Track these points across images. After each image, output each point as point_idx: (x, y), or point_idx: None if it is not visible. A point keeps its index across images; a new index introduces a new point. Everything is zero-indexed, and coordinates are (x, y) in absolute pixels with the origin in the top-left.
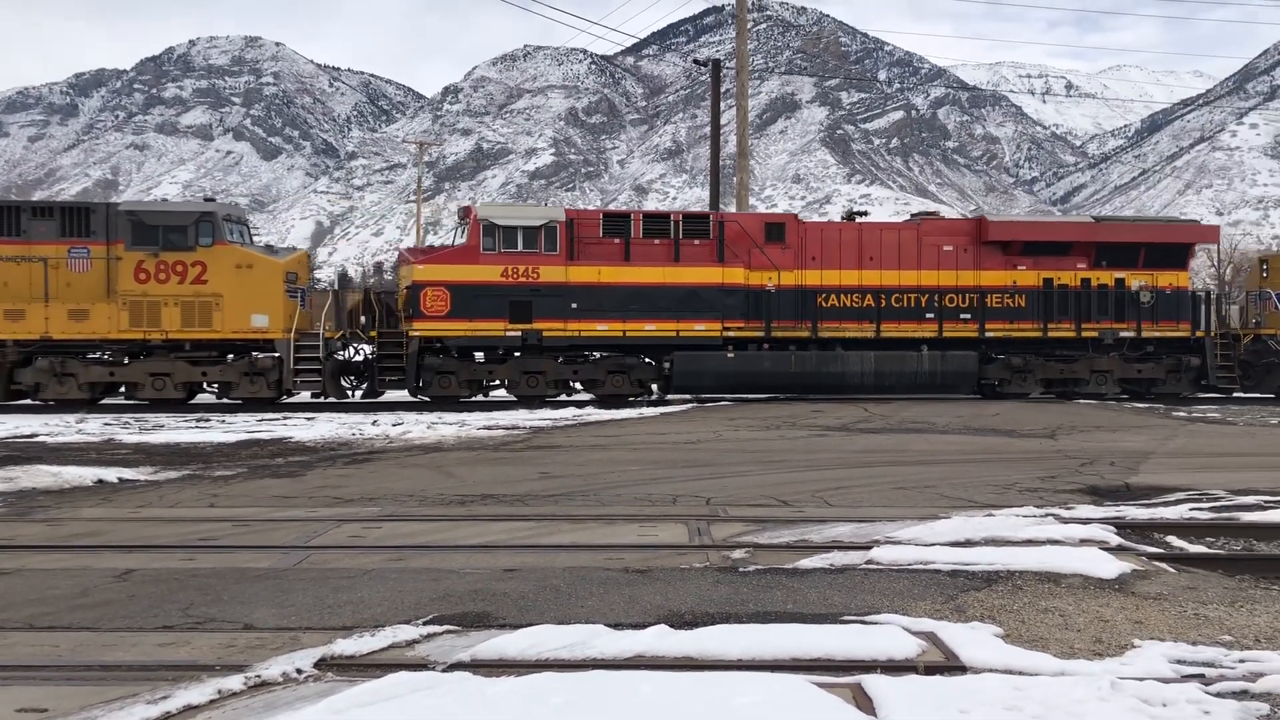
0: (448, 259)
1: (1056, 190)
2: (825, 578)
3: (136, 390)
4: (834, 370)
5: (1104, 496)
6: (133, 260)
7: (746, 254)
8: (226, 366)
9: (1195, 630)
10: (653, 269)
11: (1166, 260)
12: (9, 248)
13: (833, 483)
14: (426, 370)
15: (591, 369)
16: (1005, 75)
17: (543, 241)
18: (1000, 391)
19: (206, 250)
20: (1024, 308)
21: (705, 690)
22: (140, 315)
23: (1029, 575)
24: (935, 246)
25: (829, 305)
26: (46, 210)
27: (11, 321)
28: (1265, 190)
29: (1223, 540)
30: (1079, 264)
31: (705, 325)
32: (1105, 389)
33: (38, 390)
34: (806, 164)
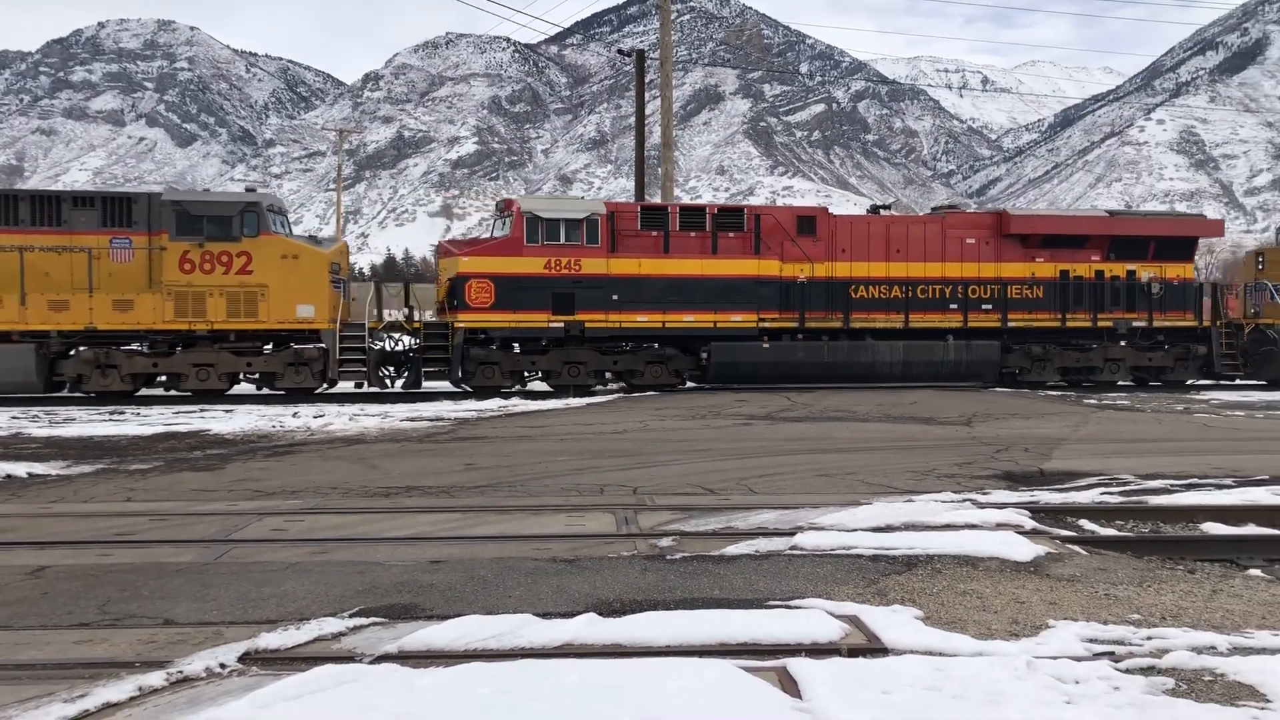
0: (492, 251)
1: (973, 183)
2: (751, 564)
3: (180, 381)
4: (865, 360)
5: (1019, 482)
6: (178, 251)
7: (779, 246)
8: (271, 357)
9: (1106, 610)
10: (691, 261)
11: (1174, 253)
12: (50, 237)
13: (757, 470)
14: (470, 361)
15: (630, 359)
16: (924, 70)
17: (584, 234)
18: (1020, 380)
19: (252, 240)
20: (1042, 299)
21: (633, 676)
22: (186, 306)
23: (948, 559)
24: (958, 239)
25: (859, 296)
26: (88, 200)
27: (55, 312)
28: (1171, 184)
29: (1132, 523)
30: (1093, 256)
31: (742, 316)
32: (1118, 377)
33: (79, 382)
34: (730, 155)
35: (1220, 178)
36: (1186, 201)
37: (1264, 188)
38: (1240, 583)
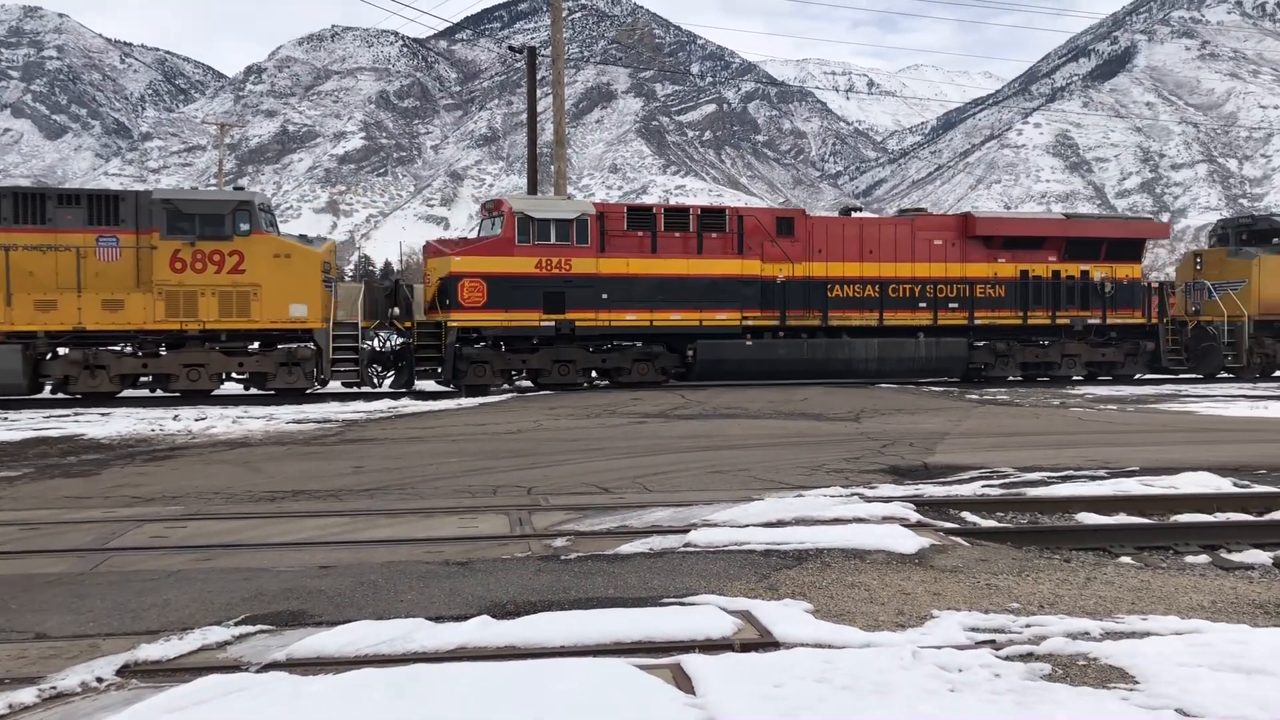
0: (484, 251)
1: (859, 184)
2: (645, 562)
3: (170, 382)
4: (842, 357)
5: (904, 476)
6: (168, 249)
7: (760, 247)
8: (263, 357)
9: (987, 599)
10: (677, 261)
11: (1124, 254)
12: (34, 236)
13: (652, 468)
14: (462, 360)
15: (619, 357)
16: (812, 72)
17: (574, 234)
18: (985, 375)
19: (244, 239)
20: (1004, 298)
21: (528, 678)
22: (177, 305)
23: (836, 552)
24: (927, 241)
25: (835, 295)
26: (73, 198)
27: (43, 312)
28: (1048, 186)
29: (1011, 514)
30: (1050, 257)
31: (726, 315)
32: (1074, 371)
33: (66, 383)
34: (623, 154)
35: (1093, 180)
36: (1062, 203)
37: (1134, 190)
38: (1112, 570)
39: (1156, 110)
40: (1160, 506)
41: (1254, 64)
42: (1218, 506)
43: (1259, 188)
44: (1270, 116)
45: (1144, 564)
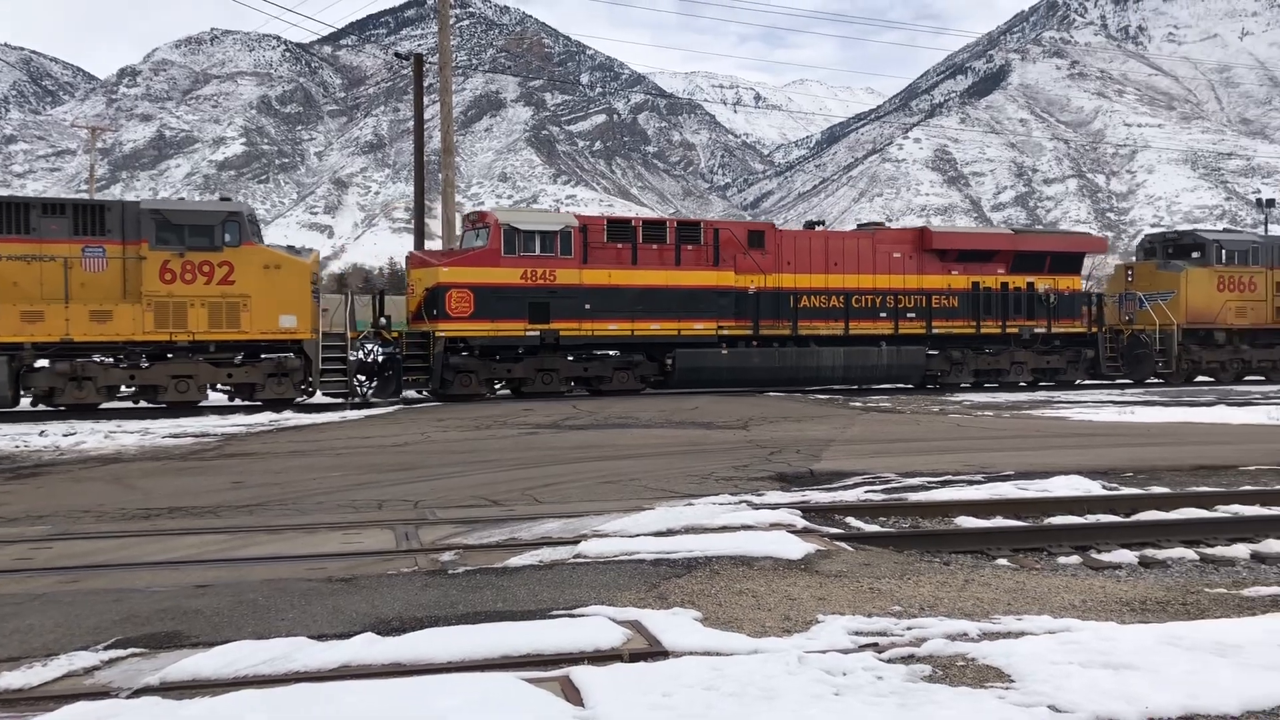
0: (471, 262)
1: (747, 196)
2: (535, 574)
3: (158, 393)
4: (811, 365)
5: (791, 482)
6: (158, 260)
7: (733, 259)
8: (252, 368)
9: (871, 603)
10: (656, 272)
11: (1066, 267)
12: (18, 246)
13: (542, 480)
14: (449, 369)
15: (600, 366)
16: (700, 85)
17: (559, 246)
18: (941, 381)
19: (234, 250)
20: (957, 308)
21: (413, 695)
22: (166, 316)
23: (725, 560)
24: (887, 254)
25: (804, 306)
26: (58, 207)
27: (29, 324)
28: (927, 199)
29: (893, 519)
30: (999, 269)
31: (703, 324)
32: (1022, 377)
33: (51, 395)
34: (513, 163)
35: (970, 194)
36: (940, 215)
37: (1008, 203)
38: (989, 572)
39: (1029, 127)
40: (1034, 509)
41: (1119, 84)
42: (1088, 509)
43: (1125, 202)
44: (1134, 134)
45: (1019, 565)
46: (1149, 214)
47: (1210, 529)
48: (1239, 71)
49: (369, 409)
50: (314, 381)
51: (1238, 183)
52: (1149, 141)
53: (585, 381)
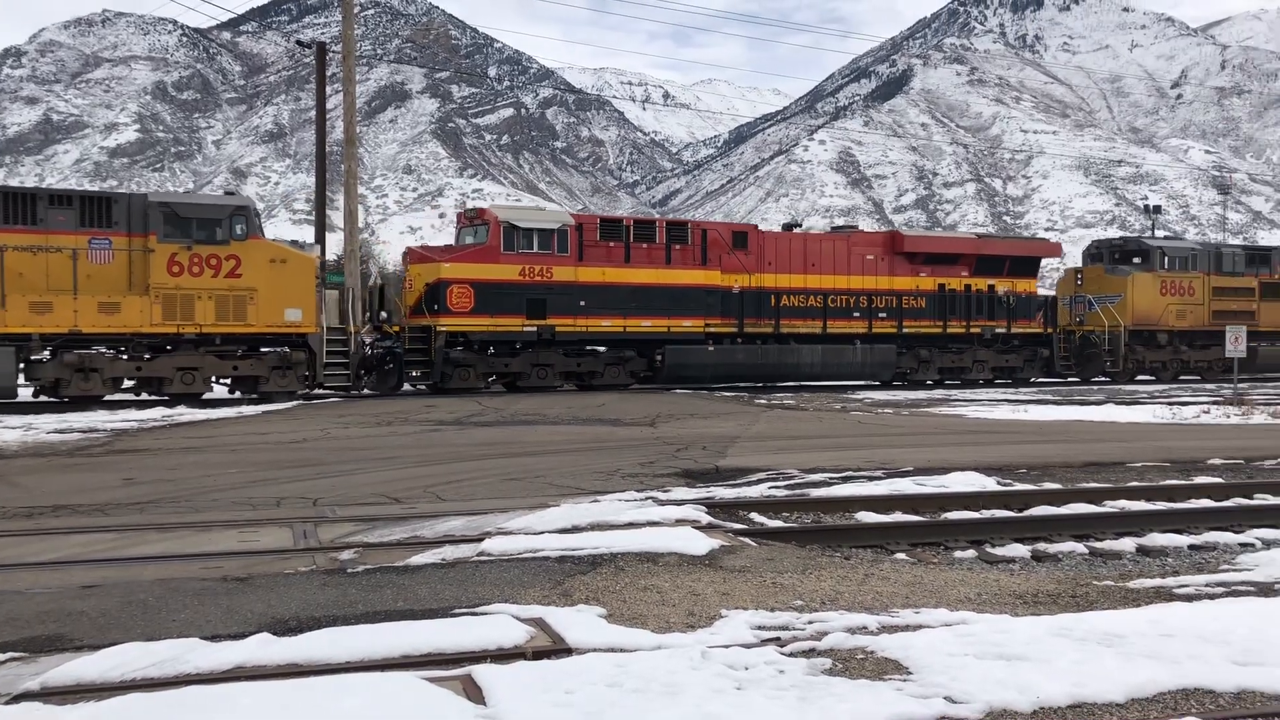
0: (472, 258)
1: (656, 194)
2: (437, 572)
3: (163, 385)
4: (791, 361)
5: (697, 479)
6: (165, 253)
7: (719, 259)
8: (257, 361)
9: (773, 598)
10: (648, 270)
11: (1023, 270)
12: (25, 237)
13: (446, 477)
14: (448, 363)
15: (592, 361)
16: (609, 81)
17: (556, 244)
18: (910, 379)
19: (241, 244)
20: (925, 308)
21: (310, 696)
22: (174, 309)
23: (630, 556)
24: (860, 256)
25: (785, 305)
26: (65, 199)
27: (38, 315)
28: (832, 201)
29: (796, 514)
30: (963, 272)
31: (691, 322)
32: (983, 375)
33: (57, 387)
34: (418, 155)
35: (873, 196)
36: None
37: (909, 206)
38: (888, 566)
39: (930, 131)
40: (932, 505)
41: (1016, 91)
42: (983, 504)
43: (1020, 206)
44: (1030, 140)
45: (918, 560)
46: (1043, 218)
47: (1099, 523)
48: (1129, 82)
49: (267, 404)
50: (319, 374)
51: (1127, 189)
52: (1044, 148)
53: (578, 376)
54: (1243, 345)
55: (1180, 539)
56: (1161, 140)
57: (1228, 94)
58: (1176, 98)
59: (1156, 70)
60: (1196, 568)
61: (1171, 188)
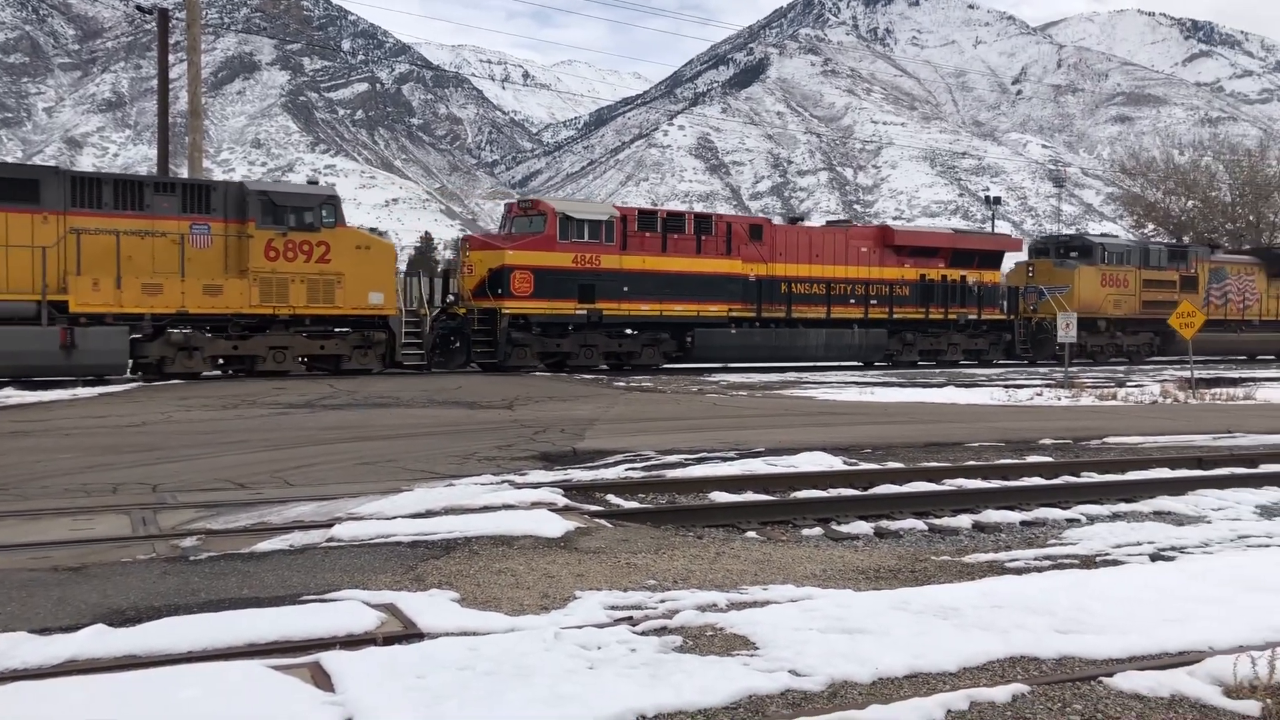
0: (532, 246)
1: (515, 174)
2: (285, 559)
3: (256, 364)
4: (801, 344)
5: (554, 461)
6: (263, 238)
7: (739, 249)
8: (341, 340)
9: (627, 578)
10: (681, 259)
11: (990, 263)
12: (134, 221)
13: (295, 462)
14: (510, 343)
15: (631, 342)
16: (468, 59)
17: (603, 234)
18: (896, 360)
19: (330, 231)
20: (909, 296)
21: (148, 688)
22: (270, 291)
23: (485, 540)
24: (857, 248)
25: (796, 292)
26: (169, 186)
27: (149, 295)
28: (691, 186)
29: (652, 495)
30: (940, 264)
31: (717, 307)
32: (957, 357)
33: (162, 365)
34: (267, 129)
35: (730, 182)
36: (703, 202)
37: (765, 193)
38: (739, 544)
39: (785, 119)
40: (782, 484)
41: (868, 83)
42: (831, 483)
43: (870, 195)
44: (880, 131)
45: (767, 538)
46: (891, 207)
47: (938, 501)
48: (973, 77)
49: (104, 387)
50: (397, 353)
51: (970, 180)
52: (893, 139)
53: (616, 356)
54: (1073, 332)
55: (1013, 515)
56: (1002, 134)
57: (1063, 91)
58: (1017, 94)
59: (999, 67)
60: (1027, 542)
61: (1011, 180)
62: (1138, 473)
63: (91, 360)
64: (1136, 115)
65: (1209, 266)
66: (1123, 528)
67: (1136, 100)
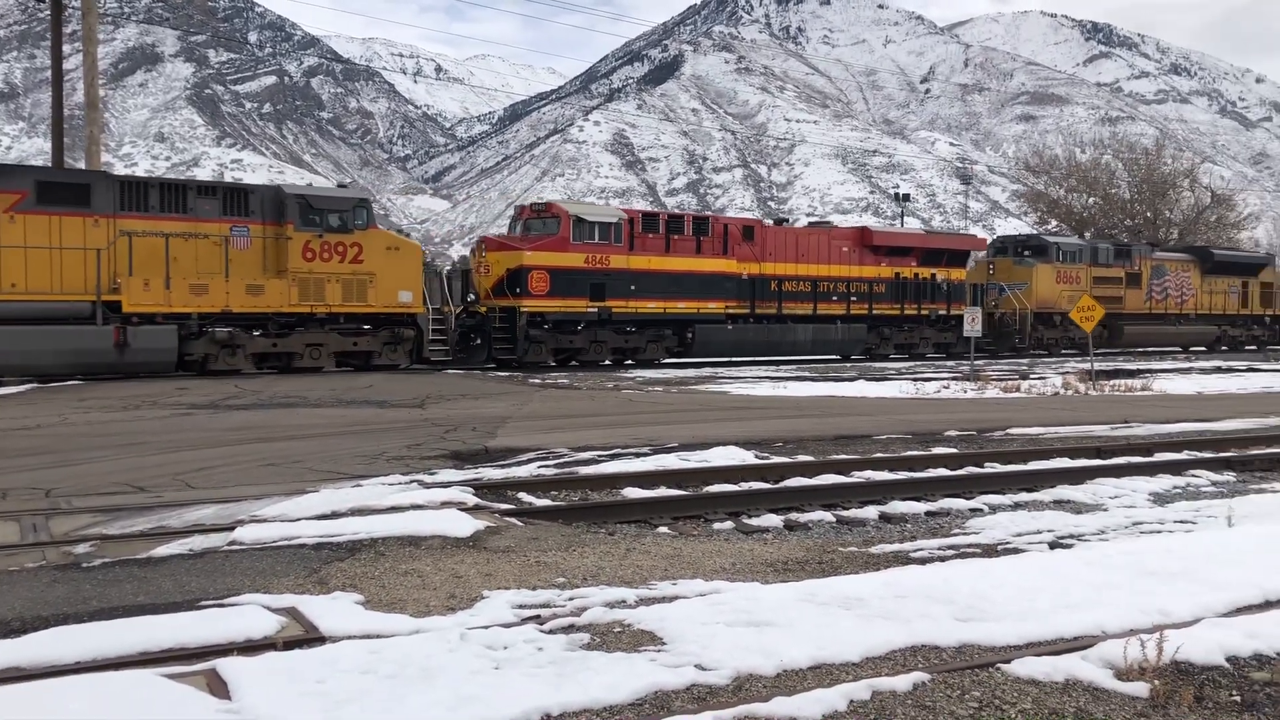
0: (548, 247)
1: (429, 169)
2: (184, 564)
3: (293, 360)
4: (790, 339)
5: (465, 460)
6: (301, 240)
7: (733, 249)
8: (373, 337)
9: (536, 576)
10: (682, 259)
11: (957, 261)
12: (178, 224)
13: (197, 464)
14: (527, 340)
15: (637, 338)
16: (379, 52)
17: (613, 235)
18: (874, 353)
19: (362, 233)
20: (885, 293)
21: (33, 700)
22: (308, 290)
23: (392, 541)
24: (839, 248)
25: (786, 290)
26: (211, 189)
27: (196, 295)
28: (607, 182)
29: (564, 493)
30: (912, 263)
31: (715, 304)
32: (928, 350)
33: (206, 362)
34: (171, 122)
35: (647, 178)
36: (619, 198)
37: (681, 189)
38: (650, 540)
39: (700, 116)
40: (695, 479)
41: (780, 81)
42: (742, 477)
43: (784, 192)
44: (793, 129)
45: (679, 533)
46: (805, 204)
47: (847, 493)
48: (883, 76)
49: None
50: (424, 349)
51: (881, 178)
52: (805, 136)
53: (622, 351)
54: (978, 326)
55: (919, 506)
56: (911, 132)
57: (970, 91)
58: (925, 92)
59: (908, 65)
60: (932, 532)
61: (920, 177)
62: (1039, 463)
63: (143, 358)
64: (1040, 114)
65: (1151, 264)
66: (1024, 517)
67: (1040, 99)
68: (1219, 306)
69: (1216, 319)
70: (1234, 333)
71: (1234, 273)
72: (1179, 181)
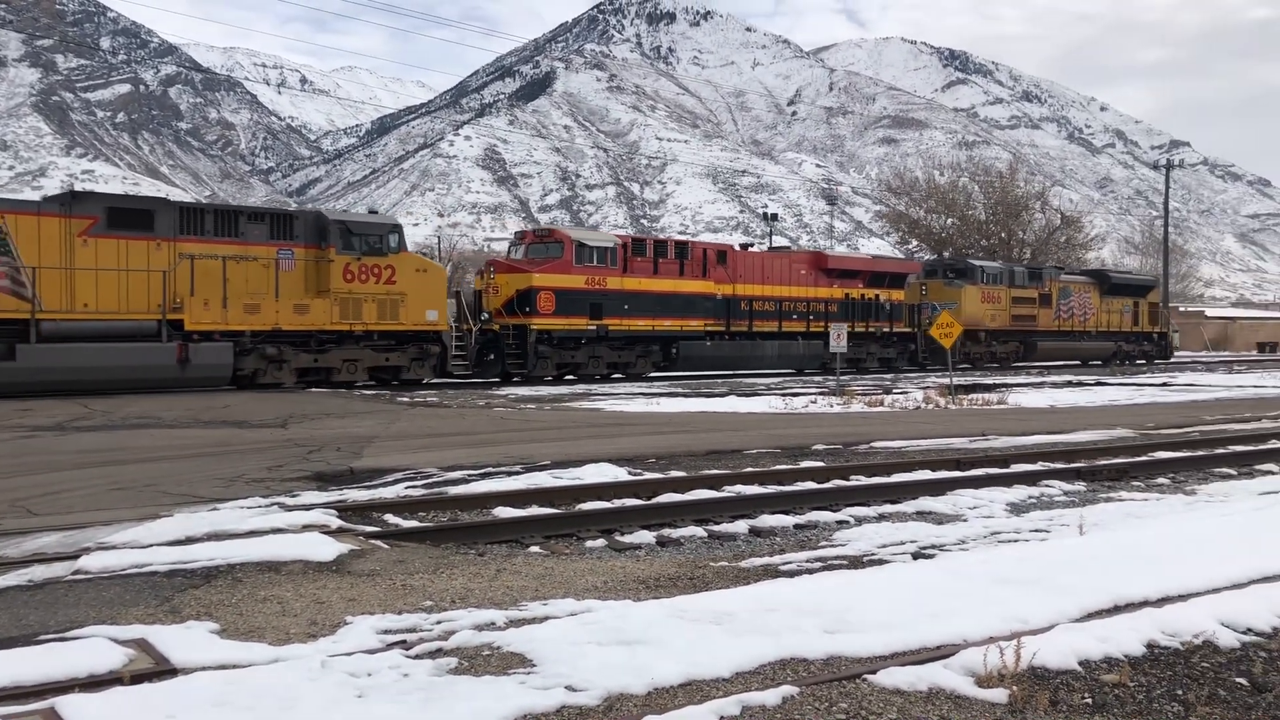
0: (554, 269)
1: (293, 181)
2: (21, 596)
3: (331, 374)
4: (759, 354)
5: (329, 482)
6: (342, 262)
7: (710, 271)
8: (402, 353)
9: (402, 600)
10: (668, 281)
11: (897, 283)
12: (230, 247)
13: (40, 489)
14: (535, 355)
15: (629, 353)
16: (240, 62)
17: (609, 258)
18: (827, 367)
19: (395, 256)
20: (837, 312)
21: None
22: (348, 310)
23: (250, 566)
24: (798, 271)
25: (755, 309)
26: (259, 215)
27: (250, 314)
28: (478, 197)
29: (433, 514)
30: (859, 284)
31: (696, 322)
32: (873, 365)
33: (255, 376)
34: (16, 130)
35: (519, 194)
36: (491, 214)
37: (554, 205)
38: (521, 560)
39: (573, 133)
40: (567, 497)
41: (652, 100)
42: (615, 494)
43: (657, 210)
44: (665, 148)
45: (551, 552)
46: (677, 222)
47: (718, 508)
48: (751, 98)
49: None
50: (449, 364)
51: (750, 197)
52: (677, 155)
53: (615, 365)
54: (843, 342)
55: (788, 519)
56: (779, 153)
57: (835, 113)
58: (792, 114)
59: (775, 88)
60: (800, 545)
61: (788, 197)
62: (902, 475)
63: (203, 374)
64: (901, 137)
65: (1059, 286)
66: (888, 528)
67: (901, 123)
68: (1115, 324)
69: (1114, 335)
70: (1128, 348)
71: (1128, 294)
72: (1031, 204)
